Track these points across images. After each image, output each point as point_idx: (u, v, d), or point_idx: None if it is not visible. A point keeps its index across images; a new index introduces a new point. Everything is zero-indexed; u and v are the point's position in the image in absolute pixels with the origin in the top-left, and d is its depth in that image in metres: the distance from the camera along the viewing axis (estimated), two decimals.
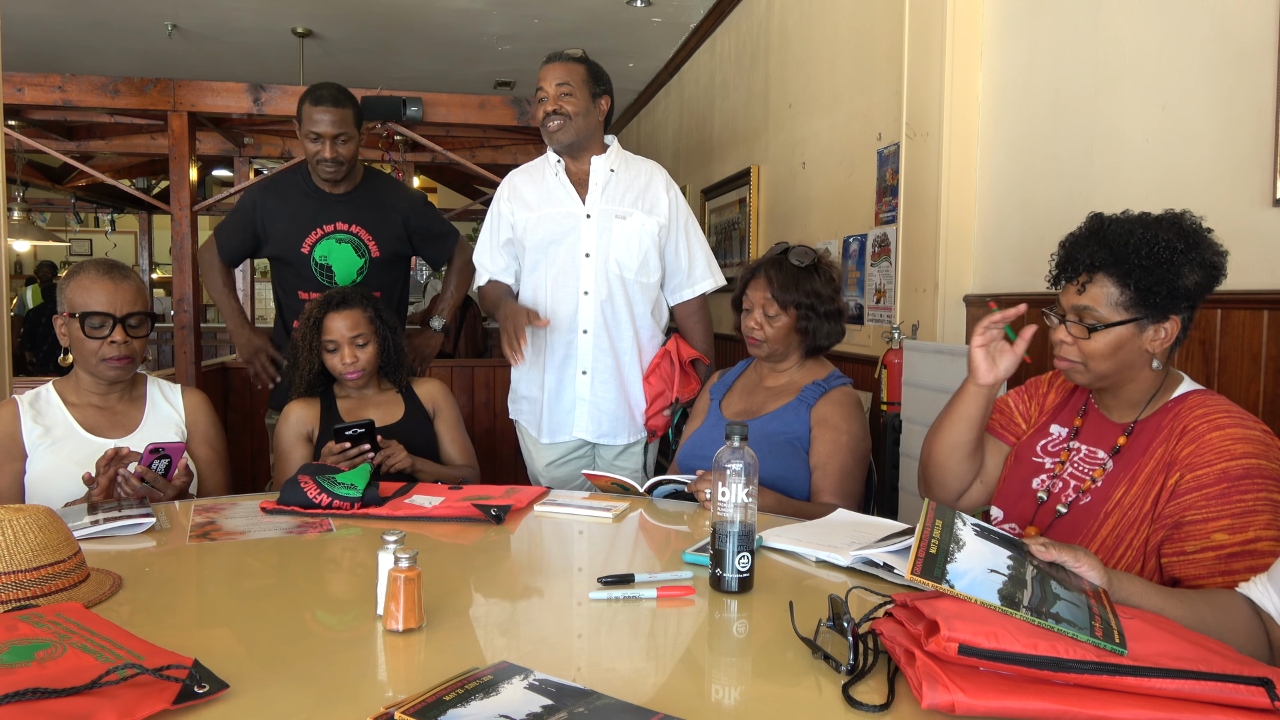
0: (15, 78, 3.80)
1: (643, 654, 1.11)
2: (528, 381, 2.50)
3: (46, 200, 9.25)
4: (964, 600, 0.97)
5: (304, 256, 2.65)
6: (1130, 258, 1.33)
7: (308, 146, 2.57)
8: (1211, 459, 1.29)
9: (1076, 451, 1.48)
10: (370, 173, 2.79)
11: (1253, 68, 1.78)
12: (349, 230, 2.67)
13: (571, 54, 2.39)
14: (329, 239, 2.66)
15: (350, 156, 2.61)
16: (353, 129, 2.59)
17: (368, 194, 2.73)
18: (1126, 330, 1.36)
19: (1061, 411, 1.57)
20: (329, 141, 2.53)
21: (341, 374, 2.17)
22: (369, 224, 2.69)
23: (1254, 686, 0.86)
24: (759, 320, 2.03)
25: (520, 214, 2.43)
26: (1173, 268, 1.32)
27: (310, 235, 2.65)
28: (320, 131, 2.52)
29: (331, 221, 2.66)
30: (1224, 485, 1.27)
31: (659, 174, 2.48)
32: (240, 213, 2.74)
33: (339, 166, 2.58)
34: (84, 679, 0.86)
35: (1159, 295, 1.33)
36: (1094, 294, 1.36)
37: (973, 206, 2.70)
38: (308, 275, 2.66)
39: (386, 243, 2.71)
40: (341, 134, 2.54)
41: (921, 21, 2.77)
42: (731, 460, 1.24)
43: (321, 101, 2.52)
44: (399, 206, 2.76)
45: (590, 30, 5.15)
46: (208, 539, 1.55)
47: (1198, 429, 1.32)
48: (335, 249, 2.67)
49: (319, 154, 2.55)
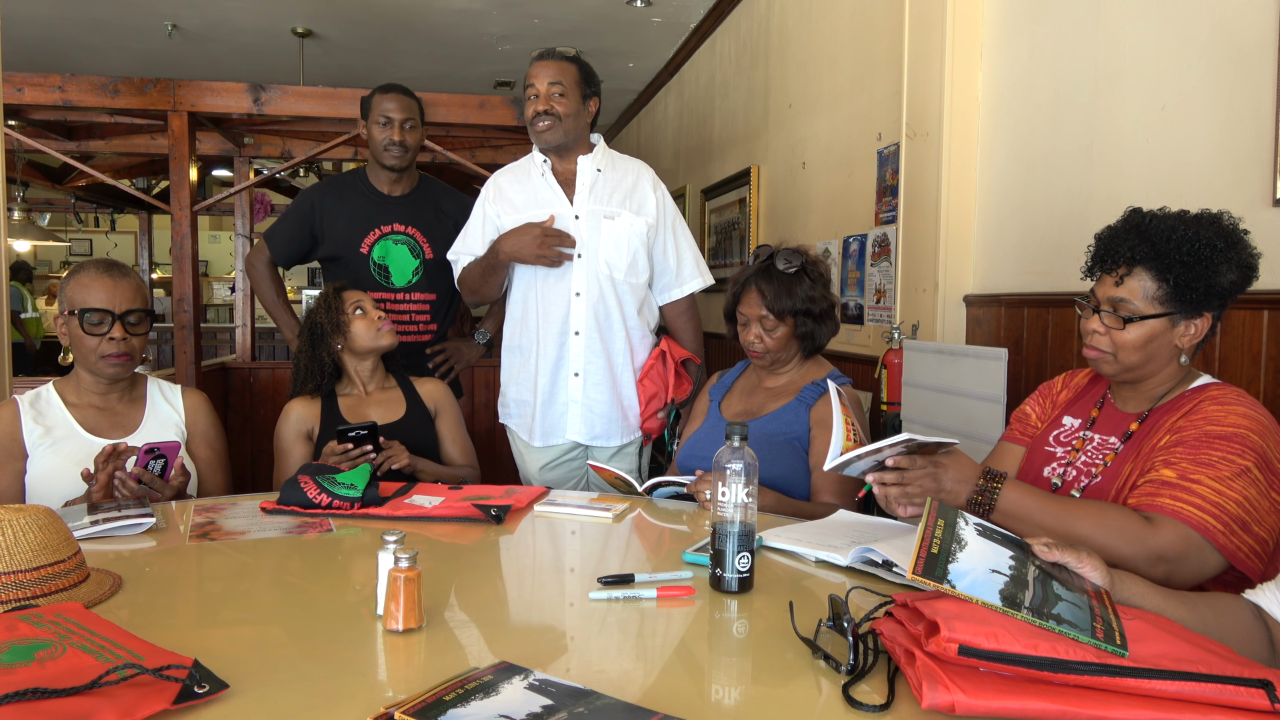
0: (15, 78, 3.80)
1: (642, 654, 1.10)
2: (518, 385, 2.48)
3: (46, 200, 9.23)
4: (965, 600, 0.97)
5: (362, 256, 2.72)
6: (1172, 253, 1.35)
7: (376, 134, 2.70)
8: (1200, 422, 1.34)
9: (1090, 440, 1.50)
10: (425, 178, 2.89)
11: (1253, 68, 1.78)
12: (405, 231, 2.76)
13: (564, 53, 2.37)
14: (386, 239, 2.74)
15: (415, 145, 2.76)
16: (419, 120, 2.77)
17: (423, 197, 2.82)
18: (1160, 324, 1.38)
19: (1074, 405, 1.59)
20: (398, 125, 2.69)
21: (375, 337, 2.20)
22: (424, 226, 2.78)
23: (1254, 688, 0.86)
24: (758, 334, 2.03)
25: (507, 216, 2.41)
26: (1211, 265, 1.34)
27: (369, 235, 2.73)
28: (390, 115, 2.68)
29: (389, 222, 2.75)
30: (1199, 439, 1.31)
31: (646, 173, 2.47)
32: (296, 213, 2.82)
33: (405, 152, 2.72)
34: (84, 679, 0.86)
35: (1196, 291, 1.35)
36: (1131, 286, 1.38)
37: (973, 206, 2.69)
38: (365, 275, 2.72)
39: (440, 246, 2.76)
40: (409, 119, 2.71)
41: (921, 21, 2.77)
42: (731, 460, 1.24)
43: (391, 90, 2.71)
44: (452, 211, 2.82)
45: (590, 30, 5.15)
46: (208, 539, 1.55)
47: (1203, 404, 1.36)
48: (392, 249, 2.75)
49: (388, 138, 2.69)
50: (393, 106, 2.68)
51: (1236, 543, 1.26)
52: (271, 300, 2.93)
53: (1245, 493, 1.27)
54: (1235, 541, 1.26)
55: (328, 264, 2.85)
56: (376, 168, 2.78)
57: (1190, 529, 1.26)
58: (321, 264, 2.89)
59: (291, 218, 2.82)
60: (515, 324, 2.46)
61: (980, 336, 2.65)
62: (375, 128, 2.70)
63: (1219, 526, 1.25)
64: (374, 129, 2.70)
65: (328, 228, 2.77)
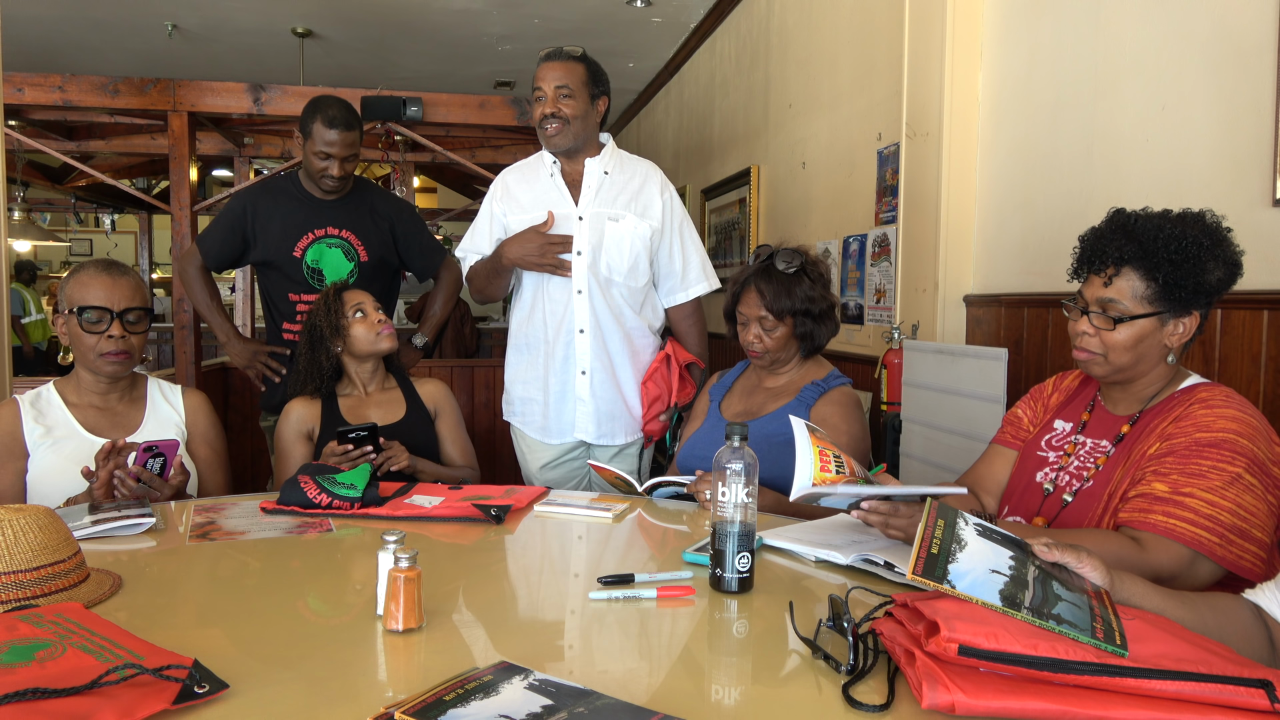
0: (15, 78, 3.80)
1: (642, 654, 1.10)
2: (524, 383, 2.48)
3: (46, 200, 9.24)
4: (965, 600, 0.97)
5: (296, 260, 2.69)
6: (1159, 252, 1.35)
7: (314, 162, 2.63)
8: (1190, 429, 1.33)
9: (1082, 445, 1.50)
10: (360, 181, 2.85)
11: (1253, 68, 1.78)
12: (339, 235, 2.73)
13: (571, 52, 2.34)
14: (320, 243, 2.71)
15: (351, 172, 2.72)
16: (359, 148, 2.70)
17: (357, 200, 2.78)
18: (1149, 323, 1.38)
19: (1065, 408, 1.59)
20: (338, 161, 2.63)
21: (374, 340, 2.19)
22: (358, 229, 2.75)
23: (1254, 688, 0.86)
24: (758, 334, 2.03)
25: (513, 215, 2.41)
26: (1199, 263, 1.35)
27: (302, 239, 2.70)
28: (331, 152, 2.61)
29: (323, 226, 2.72)
30: (1189, 448, 1.31)
31: (654, 176, 2.46)
32: (229, 217, 2.77)
33: (344, 183, 2.69)
34: (84, 679, 0.86)
35: (1184, 289, 1.36)
36: (1120, 287, 1.39)
37: (973, 206, 2.69)
38: (299, 279, 2.70)
39: (374, 248, 2.76)
40: (350, 155, 2.66)
41: (921, 21, 2.77)
42: (731, 460, 1.24)
43: (334, 125, 2.59)
44: (386, 214, 2.81)
45: (590, 30, 5.15)
46: (207, 539, 1.55)
47: (1192, 409, 1.36)
48: (326, 253, 2.72)
49: (326, 170, 2.63)
50: (335, 141, 2.58)
51: (1237, 552, 1.26)
52: (205, 304, 2.89)
53: (1239, 500, 1.27)
54: (1235, 551, 1.26)
55: (261, 268, 2.79)
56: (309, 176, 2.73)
57: (1184, 546, 1.26)
58: (255, 268, 2.84)
59: (224, 221, 2.77)
60: (522, 322, 2.46)
61: (980, 336, 2.65)
62: (313, 156, 2.61)
63: (1215, 539, 1.25)
64: (311, 156, 2.62)
65: (260, 232, 2.72)
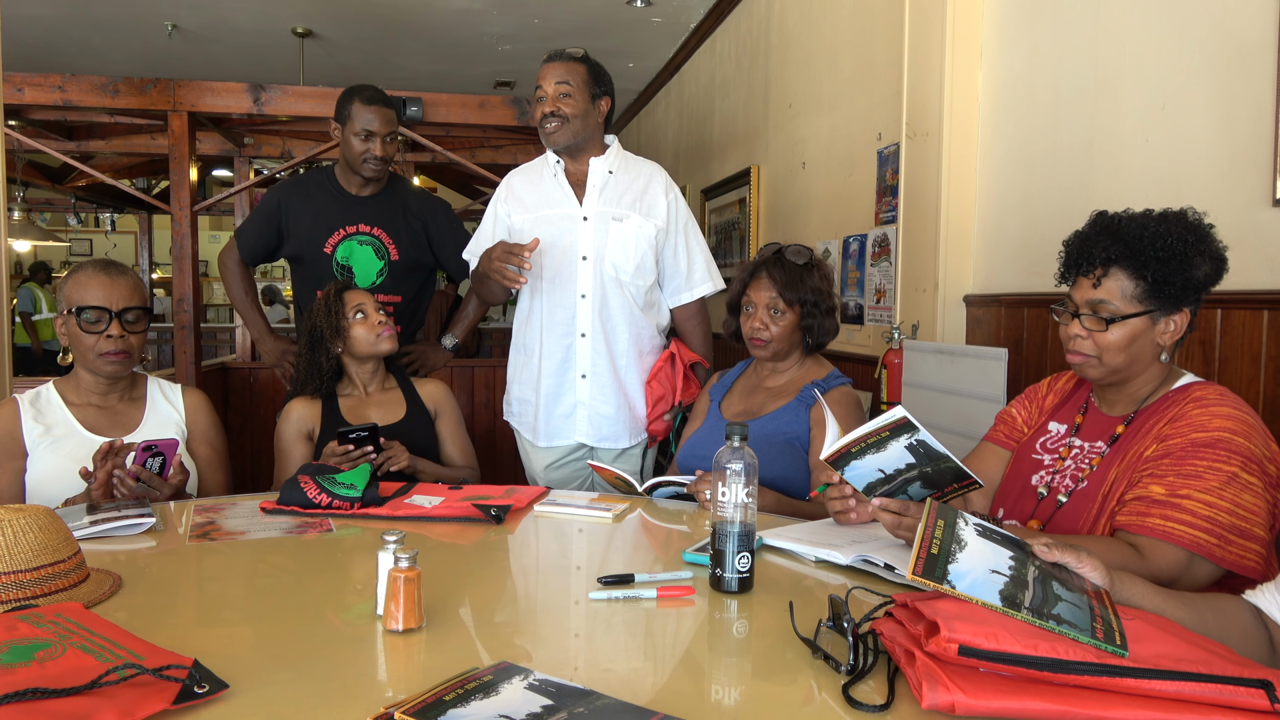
0: (15, 78, 3.80)
1: (642, 654, 1.10)
2: (520, 384, 2.48)
3: (46, 200, 9.23)
4: (965, 601, 0.97)
5: (325, 256, 2.69)
6: (1146, 250, 1.36)
7: (355, 145, 2.63)
8: (1186, 430, 1.33)
9: (1077, 448, 1.50)
10: (395, 178, 2.83)
11: (1253, 68, 1.78)
12: (370, 232, 2.72)
13: (573, 53, 2.35)
14: (351, 240, 2.70)
15: (393, 155, 2.71)
16: (398, 127, 2.70)
17: (391, 198, 2.77)
18: (1141, 322, 1.39)
19: (1060, 410, 1.59)
20: (380, 139, 2.62)
21: (374, 342, 2.19)
22: (390, 227, 2.74)
23: (1254, 689, 0.86)
24: (764, 320, 2.03)
25: (518, 216, 2.41)
26: (1185, 259, 1.35)
27: (333, 235, 2.70)
28: (374, 130, 2.61)
29: (355, 223, 2.71)
30: (1185, 449, 1.31)
31: (659, 176, 2.46)
32: (264, 211, 2.78)
33: (385, 164, 2.67)
34: (84, 679, 0.86)
35: (1173, 286, 1.36)
36: (1109, 287, 1.39)
37: (973, 206, 2.70)
38: (329, 275, 2.70)
39: (406, 248, 2.74)
40: (390, 133, 2.65)
41: (921, 22, 2.77)
42: (731, 460, 1.24)
43: (374, 101, 2.62)
44: (419, 212, 2.80)
45: (590, 30, 5.15)
46: (208, 539, 1.55)
47: (1187, 408, 1.36)
48: (357, 250, 2.71)
49: (368, 151, 2.63)
50: (375, 120, 2.60)
51: (1237, 552, 1.26)
52: (240, 299, 2.90)
53: (1237, 499, 1.27)
54: (1235, 551, 1.26)
55: (293, 263, 2.81)
56: (346, 169, 2.72)
57: (1182, 549, 1.26)
58: (288, 262, 2.86)
59: (259, 215, 2.79)
60: (522, 324, 2.47)
61: (980, 336, 2.65)
62: (354, 138, 2.62)
63: (1213, 541, 1.25)
64: (352, 139, 2.62)
65: (293, 226, 2.72)
